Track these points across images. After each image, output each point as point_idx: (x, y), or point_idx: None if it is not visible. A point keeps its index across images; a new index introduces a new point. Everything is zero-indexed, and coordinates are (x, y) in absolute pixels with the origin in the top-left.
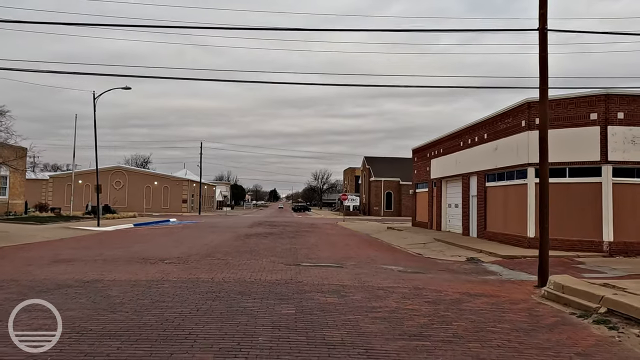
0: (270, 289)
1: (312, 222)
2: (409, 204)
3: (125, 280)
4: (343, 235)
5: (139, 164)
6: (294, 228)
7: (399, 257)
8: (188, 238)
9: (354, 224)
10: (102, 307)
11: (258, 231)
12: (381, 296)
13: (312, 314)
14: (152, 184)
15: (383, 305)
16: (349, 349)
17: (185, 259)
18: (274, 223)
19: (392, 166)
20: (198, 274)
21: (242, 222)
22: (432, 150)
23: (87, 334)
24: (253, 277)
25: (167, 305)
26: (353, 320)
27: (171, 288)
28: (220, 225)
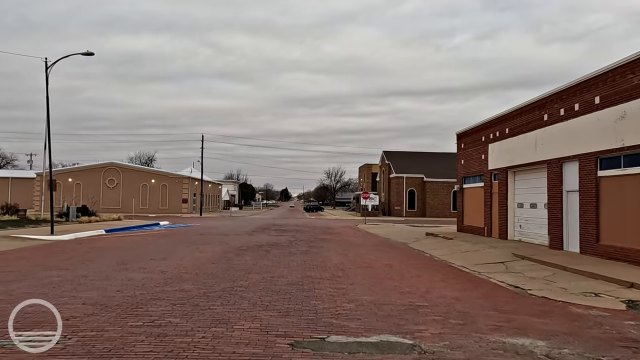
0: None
1: (328, 224)
2: (435, 203)
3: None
4: (374, 246)
5: (144, 162)
6: (306, 235)
7: (497, 301)
8: (146, 256)
9: (379, 227)
10: None
11: (259, 241)
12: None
13: None
14: (149, 182)
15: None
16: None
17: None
18: (283, 227)
19: (415, 161)
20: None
21: (245, 225)
22: (489, 131)
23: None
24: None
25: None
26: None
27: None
28: (214, 231)
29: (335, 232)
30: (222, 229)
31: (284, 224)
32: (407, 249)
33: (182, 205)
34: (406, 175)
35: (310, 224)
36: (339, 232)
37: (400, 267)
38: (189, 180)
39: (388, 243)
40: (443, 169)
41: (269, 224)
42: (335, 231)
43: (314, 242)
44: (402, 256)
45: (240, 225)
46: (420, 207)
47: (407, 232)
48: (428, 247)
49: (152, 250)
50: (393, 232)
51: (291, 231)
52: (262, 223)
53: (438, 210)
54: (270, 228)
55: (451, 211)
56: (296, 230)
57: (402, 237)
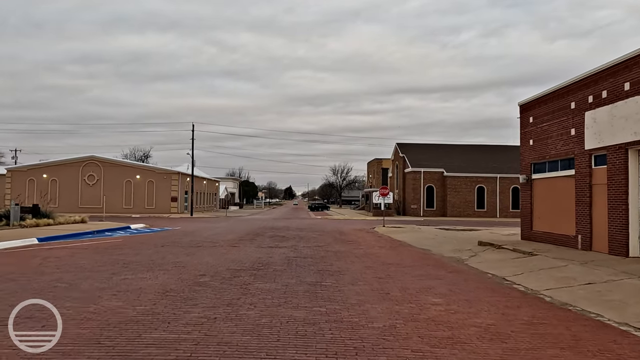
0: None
1: (338, 227)
2: (457, 201)
3: None
4: (421, 269)
5: (139, 158)
6: (313, 246)
7: None
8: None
9: (403, 231)
10: None
11: (241, 259)
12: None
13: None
14: (134, 177)
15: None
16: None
17: None
18: (282, 232)
19: (433, 154)
20: None
21: (235, 229)
22: (587, 92)
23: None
24: None
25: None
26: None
27: None
28: (188, 239)
29: (352, 240)
30: (201, 236)
31: (285, 227)
32: (475, 274)
33: (170, 204)
34: (424, 169)
35: (317, 226)
36: (356, 239)
37: (521, 342)
38: (178, 175)
39: (434, 260)
40: (465, 163)
41: (266, 227)
42: (350, 238)
43: (325, 263)
44: (484, 294)
45: (229, 230)
46: (439, 206)
47: (443, 238)
48: (504, 269)
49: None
50: (425, 238)
51: (292, 239)
52: (258, 226)
53: (460, 209)
54: (265, 234)
55: (475, 210)
56: (299, 238)
57: (446, 248)
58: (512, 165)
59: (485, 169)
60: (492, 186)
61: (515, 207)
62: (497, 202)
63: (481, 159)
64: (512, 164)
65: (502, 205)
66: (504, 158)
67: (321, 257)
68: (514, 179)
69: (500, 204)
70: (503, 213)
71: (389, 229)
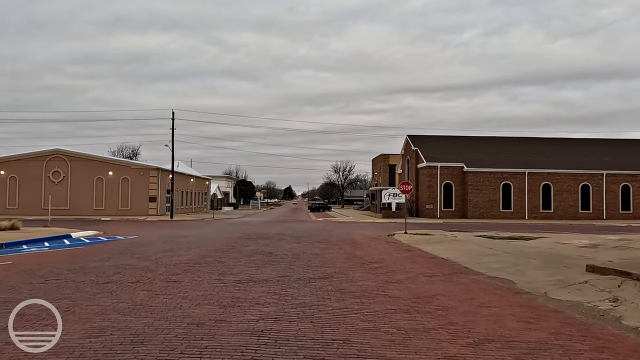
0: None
1: (346, 233)
2: (479, 201)
3: None
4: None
5: (126, 156)
6: (316, 276)
7: None
8: None
9: (438, 242)
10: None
11: (142, 330)
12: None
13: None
14: (106, 174)
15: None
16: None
17: None
18: (272, 243)
19: (450, 147)
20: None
21: (206, 240)
22: None
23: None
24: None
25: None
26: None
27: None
28: (116, 261)
29: (375, 260)
30: (144, 253)
31: (277, 236)
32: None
33: (149, 204)
34: (440, 164)
35: (319, 232)
36: (380, 257)
37: None
38: (158, 172)
39: (560, 319)
40: (488, 156)
41: (252, 236)
42: (370, 255)
43: (352, 348)
44: None
45: (198, 241)
46: (459, 206)
47: (508, 255)
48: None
49: None
50: (480, 254)
51: (282, 259)
52: (243, 233)
53: (483, 210)
54: (243, 248)
55: (500, 210)
56: (293, 257)
57: (535, 276)
58: (542, 159)
59: (511, 163)
60: (519, 183)
61: (546, 208)
62: (526, 202)
63: (506, 152)
64: (541, 158)
65: (531, 205)
66: (531, 151)
67: (335, 321)
68: (545, 175)
69: (529, 203)
70: (532, 214)
71: (414, 237)
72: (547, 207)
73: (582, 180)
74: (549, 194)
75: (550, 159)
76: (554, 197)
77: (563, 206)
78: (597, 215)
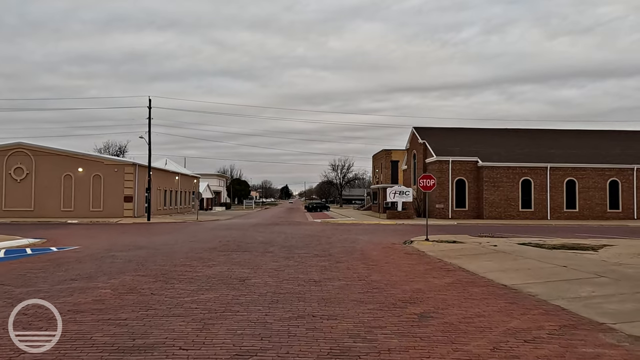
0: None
1: (350, 240)
2: (496, 199)
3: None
4: None
5: (114, 153)
6: (308, 343)
7: None
8: None
9: (481, 255)
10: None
11: None
12: None
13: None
14: (75, 171)
15: None
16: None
17: None
18: (252, 261)
19: (462, 140)
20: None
21: (170, 249)
22: None
23: None
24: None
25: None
26: None
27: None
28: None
29: (405, 293)
30: (56, 279)
31: (262, 245)
32: None
33: (124, 205)
34: (452, 158)
35: (317, 239)
36: (410, 286)
37: None
38: (134, 168)
39: None
40: (504, 150)
41: (229, 245)
42: (395, 280)
43: None
44: None
45: (154, 254)
46: (473, 205)
47: (596, 274)
48: None
49: None
50: (565, 280)
51: (255, 299)
52: (220, 241)
53: (500, 209)
54: (200, 270)
55: (519, 210)
56: (275, 292)
57: None
58: (565, 152)
59: (531, 157)
60: (540, 179)
61: (570, 206)
62: (548, 200)
63: (524, 144)
64: (564, 150)
65: (553, 204)
66: (553, 144)
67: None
68: (569, 170)
69: (552, 202)
70: (555, 214)
71: (439, 246)
72: (572, 206)
73: (610, 176)
74: (574, 191)
75: (574, 151)
76: (579, 194)
77: (589, 205)
78: (628, 214)
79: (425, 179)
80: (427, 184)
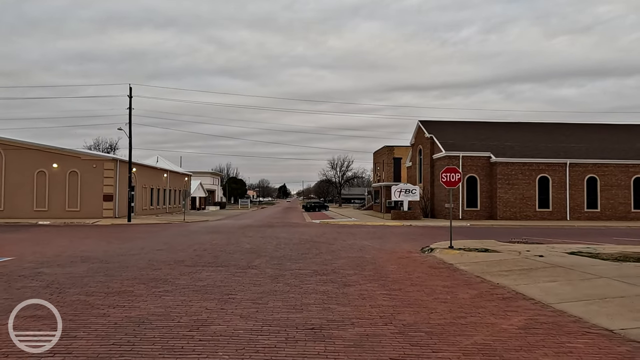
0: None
1: (355, 245)
2: (511, 198)
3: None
4: None
5: (104, 150)
6: None
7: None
8: None
9: (531, 272)
10: None
11: None
12: None
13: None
14: (49, 167)
15: None
16: None
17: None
18: (229, 272)
19: (472, 134)
20: None
21: (126, 261)
22: None
23: None
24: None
25: None
26: None
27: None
28: None
29: (461, 350)
30: None
31: (247, 254)
32: None
33: (103, 204)
34: (462, 153)
35: (316, 245)
36: (460, 328)
37: None
38: (115, 164)
39: None
40: (519, 144)
41: (203, 255)
42: (431, 317)
43: None
44: None
45: (97, 271)
46: (485, 204)
47: None
48: None
49: None
50: None
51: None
52: (197, 248)
53: (515, 209)
54: (136, 306)
55: (536, 209)
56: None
57: None
58: (586, 146)
59: (549, 152)
60: (559, 176)
61: (591, 206)
62: (567, 199)
63: (539, 139)
64: (583, 145)
65: (573, 203)
66: (570, 138)
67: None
68: (590, 167)
69: (572, 201)
70: (575, 214)
71: (469, 256)
72: (593, 206)
73: (634, 173)
74: (595, 190)
75: (594, 145)
76: (601, 193)
77: (612, 204)
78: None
79: (449, 172)
80: (452, 178)
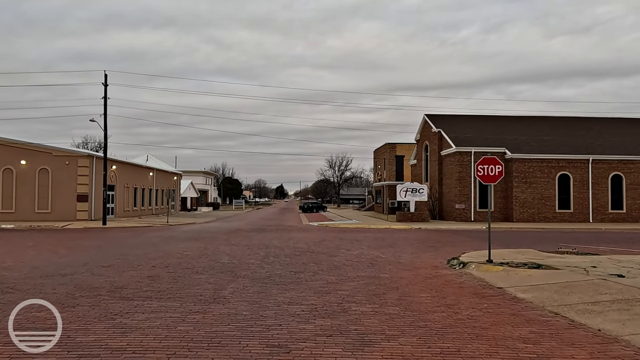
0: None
1: (363, 257)
2: (529, 198)
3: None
4: None
5: (93, 148)
6: None
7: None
8: None
9: (636, 310)
10: None
11: None
12: None
13: None
14: (17, 164)
15: None
16: None
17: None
18: (177, 317)
19: (484, 128)
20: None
21: (35, 285)
22: None
23: None
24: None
25: None
26: None
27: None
28: None
29: None
30: None
31: (219, 278)
32: None
33: (77, 205)
34: (474, 149)
35: (313, 258)
36: None
37: None
38: (90, 160)
39: None
40: (536, 140)
41: (159, 276)
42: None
43: None
44: None
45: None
46: (500, 205)
47: None
48: None
49: None
50: None
51: None
52: (151, 267)
53: (533, 210)
54: None
55: (556, 210)
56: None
57: None
58: (610, 140)
59: (569, 147)
60: (580, 174)
61: (616, 207)
62: (590, 199)
63: (558, 134)
64: (606, 140)
65: (596, 204)
66: (592, 133)
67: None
68: (615, 164)
69: (595, 201)
70: (599, 215)
71: (524, 279)
72: (618, 206)
73: None
74: (620, 189)
75: (618, 140)
76: (627, 192)
77: (639, 204)
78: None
79: (486, 163)
80: (491, 172)
